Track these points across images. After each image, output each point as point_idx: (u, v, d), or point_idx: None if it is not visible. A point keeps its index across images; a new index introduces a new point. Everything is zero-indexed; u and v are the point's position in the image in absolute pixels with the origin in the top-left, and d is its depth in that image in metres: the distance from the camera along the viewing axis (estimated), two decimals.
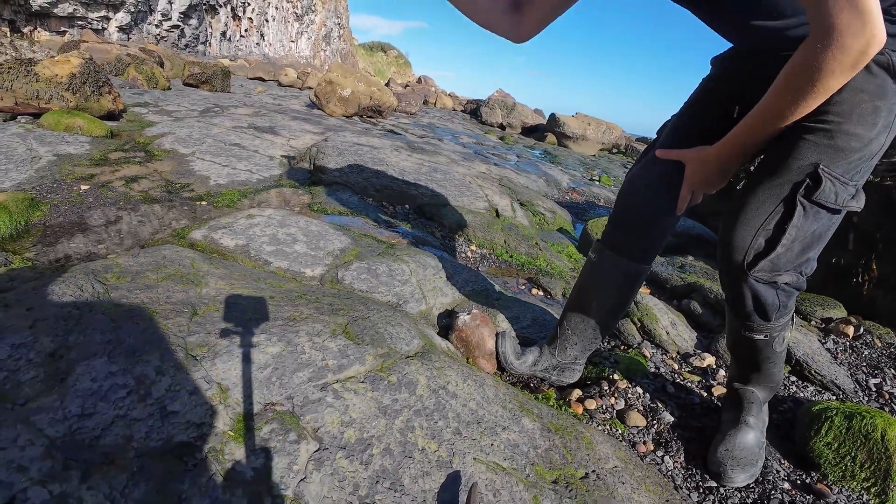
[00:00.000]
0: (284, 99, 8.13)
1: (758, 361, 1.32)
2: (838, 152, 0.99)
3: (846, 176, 1.01)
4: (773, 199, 1.06)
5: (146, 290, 1.38)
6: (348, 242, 2.07)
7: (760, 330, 1.22)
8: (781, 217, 1.05)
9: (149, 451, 0.83)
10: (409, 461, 0.94)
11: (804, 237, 1.06)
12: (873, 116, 0.97)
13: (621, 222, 1.45)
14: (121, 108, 4.26)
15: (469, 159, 4.68)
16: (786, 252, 1.07)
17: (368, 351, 1.18)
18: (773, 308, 1.17)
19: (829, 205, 1.02)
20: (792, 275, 1.12)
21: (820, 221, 1.05)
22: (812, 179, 1.01)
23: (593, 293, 1.53)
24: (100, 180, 2.71)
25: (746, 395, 1.40)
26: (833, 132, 0.99)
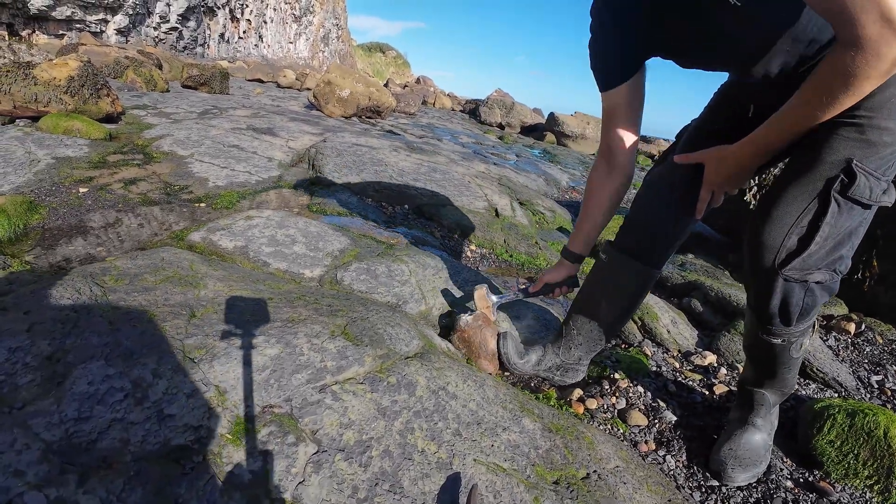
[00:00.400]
0: (283, 100, 8.12)
1: (773, 366, 1.30)
2: (871, 147, 0.98)
3: (879, 171, 0.99)
4: (806, 196, 1.04)
5: (144, 293, 1.37)
6: (347, 243, 2.06)
7: (780, 334, 1.20)
8: (815, 214, 1.03)
9: (146, 455, 0.82)
10: (408, 463, 0.93)
11: (837, 234, 1.04)
12: None
13: (637, 226, 1.43)
14: (119, 111, 4.26)
15: (468, 159, 4.67)
16: (819, 250, 1.05)
17: (367, 352, 1.17)
18: (797, 310, 1.14)
19: (863, 200, 1.00)
20: (824, 273, 1.09)
21: (853, 218, 1.03)
22: (846, 175, 0.99)
23: (602, 295, 1.52)
24: (98, 183, 2.70)
25: (757, 398, 1.38)
26: (865, 127, 0.98)
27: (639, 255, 1.42)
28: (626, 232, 1.45)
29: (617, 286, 1.49)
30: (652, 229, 1.40)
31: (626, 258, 1.43)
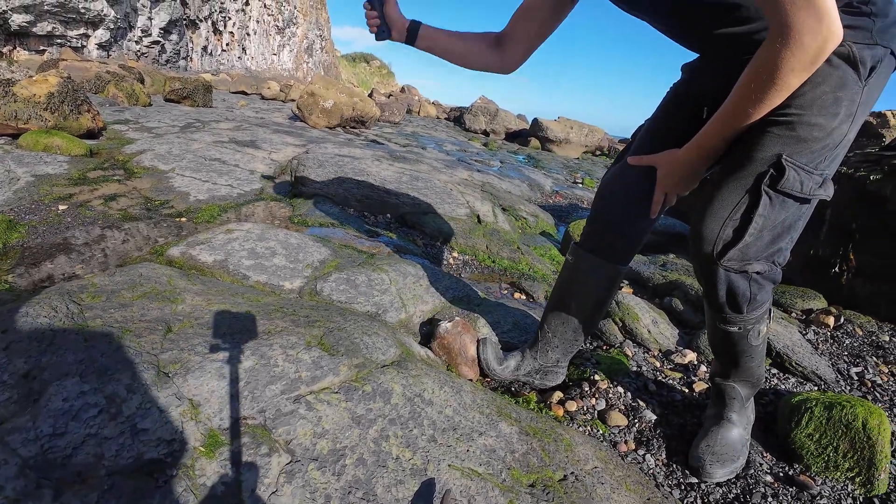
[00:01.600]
0: (267, 112, 8.12)
1: (735, 355, 1.33)
2: (801, 142, 1.02)
3: (810, 165, 1.03)
4: (740, 190, 1.08)
5: (120, 309, 1.38)
6: (328, 254, 2.07)
7: (734, 322, 1.23)
8: (748, 207, 1.07)
9: (119, 469, 0.83)
10: (382, 470, 0.94)
11: (773, 226, 1.08)
12: (834, 107, 0.99)
13: (598, 225, 1.47)
14: (100, 126, 4.25)
15: (451, 167, 4.70)
16: (755, 241, 1.09)
17: (343, 361, 1.18)
18: (745, 299, 1.18)
19: (795, 193, 1.04)
20: (763, 264, 1.14)
21: (788, 211, 1.07)
22: (776, 169, 1.03)
23: (572, 295, 1.55)
24: (78, 200, 2.69)
25: (728, 391, 1.41)
26: (795, 123, 1.01)
27: (603, 253, 1.45)
28: (589, 231, 1.49)
29: (584, 285, 1.52)
30: (613, 227, 1.43)
31: (590, 257, 1.47)
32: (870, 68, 0.98)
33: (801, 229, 1.15)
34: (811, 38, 0.85)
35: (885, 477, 1.36)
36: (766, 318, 1.26)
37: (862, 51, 0.97)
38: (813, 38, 0.85)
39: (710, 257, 1.13)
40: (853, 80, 0.99)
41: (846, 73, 0.98)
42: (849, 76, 0.99)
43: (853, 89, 0.99)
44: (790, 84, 0.93)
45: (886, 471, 1.37)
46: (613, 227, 1.44)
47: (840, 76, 0.99)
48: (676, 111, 1.38)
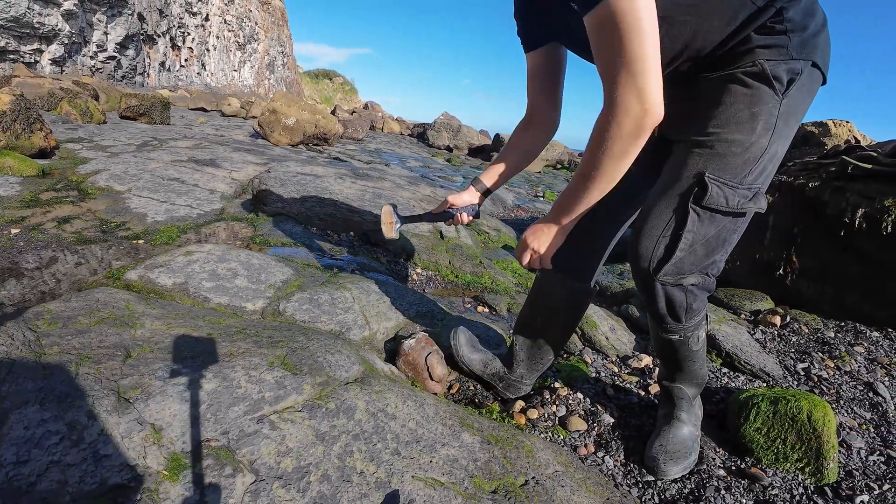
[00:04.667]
0: (227, 129, 8.02)
1: (678, 360, 1.41)
2: (721, 158, 1.09)
3: (735, 180, 1.10)
4: (669, 209, 1.15)
5: (78, 336, 1.36)
6: (291, 273, 2.08)
7: (675, 331, 1.31)
8: (677, 224, 1.14)
9: (83, 495, 0.84)
10: (347, 485, 0.96)
11: (705, 240, 1.15)
12: (750, 122, 1.07)
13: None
14: (53, 145, 4.12)
15: (414, 183, 4.75)
16: (688, 256, 1.16)
17: (306, 380, 1.20)
18: (682, 309, 1.25)
19: (721, 208, 1.11)
20: (697, 276, 1.21)
21: (719, 225, 1.14)
22: (699, 186, 1.10)
23: (539, 312, 1.60)
24: (31, 223, 2.61)
25: (675, 392, 1.48)
26: (714, 142, 1.09)
27: (565, 270, 1.51)
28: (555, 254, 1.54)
29: (551, 301, 1.58)
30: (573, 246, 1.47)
31: (552, 274, 1.52)
32: (787, 82, 1.05)
33: (735, 241, 1.21)
34: (630, 115, 0.97)
35: (833, 466, 1.43)
36: (703, 324, 1.34)
37: (776, 67, 1.04)
38: (632, 115, 0.97)
39: (648, 273, 1.20)
40: (769, 96, 1.06)
41: (760, 90, 1.06)
42: (763, 92, 1.06)
43: (769, 104, 1.06)
44: (613, 151, 1.03)
45: (835, 460, 1.44)
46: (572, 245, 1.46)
47: (753, 94, 1.06)
48: None
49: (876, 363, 2.21)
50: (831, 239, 2.74)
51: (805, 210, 2.90)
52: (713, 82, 1.11)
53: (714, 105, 1.10)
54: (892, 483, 1.43)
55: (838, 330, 2.52)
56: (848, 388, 1.99)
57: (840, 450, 1.58)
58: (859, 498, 1.36)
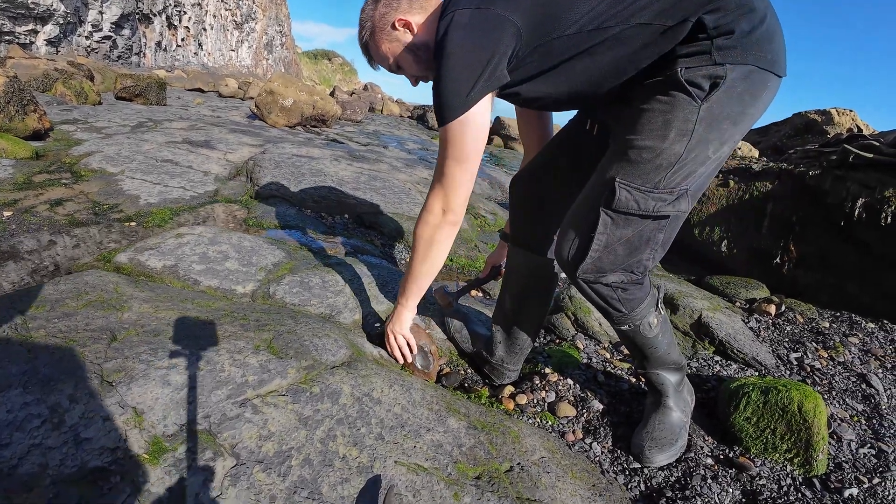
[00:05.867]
0: (224, 111, 7.94)
1: (639, 348, 1.41)
2: (631, 164, 1.12)
3: (647, 185, 1.11)
4: (583, 213, 1.21)
5: (65, 319, 1.35)
6: (282, 256, 2.07)
7: (622, 321, 1.32)
8: (588, 226, 1.17)
9: (64, 478, 0.84)
10: (328, 469, 0.96)
11: (624, 241, 1.17)
12: (663, 129, 1.08)
13: (514, 216, 1.61)
14: (47, 127, 4.09)
15: (411, 165, 4.72)
16: (605, 255, 1.19)
17: (291, 364, 1.20)
18: (617, 301, 1.27)
19: (633, 212, 1.13)
20: (619, 275, 1.23)
21: (636, 227, 1.16)
22: (609, 191, 1.13)
23: (509, 292, 1.64)
24: (23, 205, 2.60)
25: (654, 378, 1.48)
26: (626, 148, 1.12)
27: (525, 244, 1.58)
28: (511, 223, 1.64)
29: (518, 278, 1.63)
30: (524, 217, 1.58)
31: (517, 249, 1.60)
32: (710, 87, 1.05)
33: (666, 241, 1.24)
34: (434, 215, 1.31)
35: (823, 458, 1.43)
36: (652, 310, 1.34)
37: (693, 73, 1.05)
38: (435, 215, 1.31)
39: (568, 271, 1.25)
40: (686, 102, 1.06)
41: (676, 98, 1.07)
42: (679, 99, 1.07)
43: (686, 109, 1.07)
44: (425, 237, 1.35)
45: (825, 451, 1.44)
46: (526, 215, 1.57)
47: (670, 101, 1.07)
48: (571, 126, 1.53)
49: (870, 354, 2.20)
50: (830, 228, 2.72)
51: (804, 198, 2.88)
52: (643, 89, 1.13)
53: (635, 112, 1.13)
54: (882, 477, 1.42)
55: (833, 320, 2.51)
56: (841, 380, 1.98)
57: (830, 441, 1.57)
58: (848, 491, 1.36)
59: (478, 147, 1.22)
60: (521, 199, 1.59)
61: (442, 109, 1.16)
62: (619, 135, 1.17)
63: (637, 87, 1.14)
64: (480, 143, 1.22)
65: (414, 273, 1.44)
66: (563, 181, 1.47)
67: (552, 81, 1.20)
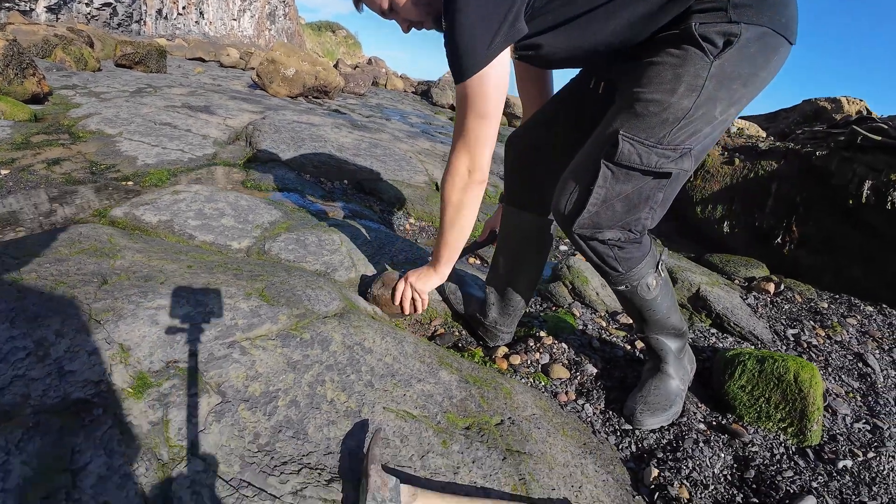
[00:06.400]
0: (225, 80, 7.83)
1: (637, 311, 1.39)
2: (637, 117, 1.08)
3: (651, 140, 1.08)
4: (584, 165, 1.17)
5: (56, 264, 1.34)
6: (279, 216, 2.05)
7: (620, 282, 1.30)
8: (588, 179, 1.14)
9: (45, 409, 0.83)
10: (315, 412, 0.96)
11: (623, 197, 1.14)
12: (672, 83, 1.05)
13: (509, 175, 1.57)
14: (46, 91, 4.08)
15: (414, 137, 4.66)
16: (603, 210, 1.16)
17: (283, 311, 1.19)
18: (613, 259, 1.25)
19: (635, 166, 1.10)
20: (616, 231, 1.20)
21: (638, 183, 1.13)
22: (611, 143, 1.10)
23: (503, 252, 1.62)
24: (21, 164, 2.59)
25: (654, 343, 1.46)
26: (633, 101, 1.09)
27: (521, 204, 1.55)
28: (507, 183, 1.60)
29: (512, 239, 1.60)
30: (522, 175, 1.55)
31: (512, 209, 1.57)
32: (723, 44, 1.02)
33: (666, 201, 1.20)
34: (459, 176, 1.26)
35: (817, 429, 1.43)
36: (650, 271, 1.31)
37: (707, 29, 1.02)
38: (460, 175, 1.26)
39: (564, 225, 1.22)
40: (697, 57, 1.03)
41: (688, 52, 1.04)
42: (691, 54, 1.04)
43: (697, 64, 1.04)
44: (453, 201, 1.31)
45: (819, 423, 1.43)
46: (524, 173, 1.53)
47: (681, 55, 1.04)
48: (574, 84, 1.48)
49: (868, 336, 2.19)
50: (835, 210, 2.69)
51: (810, 179, 2.84)
52: (654, 44, 1.10)
53: (644, 66, 1.10)
54: (877, 452, 1.42)
55: (832, 301, 2.50)
56: (837, 357, 1.97)
57: (825, 414, 1.57)
58: (842, 462, 1.35)
59: (501, 101, 1.17)
60: (518, 157, 1.55)
61: (461, 65, 1.10)
62: (625, 89, 1.14)
63: (648, 40, 1.10)
64: (503, 95, 1.17)
65: (445, 239, 1.41)
66: (563, 141, 1.43)
67: (568, 36, 1.15)
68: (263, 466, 0.82)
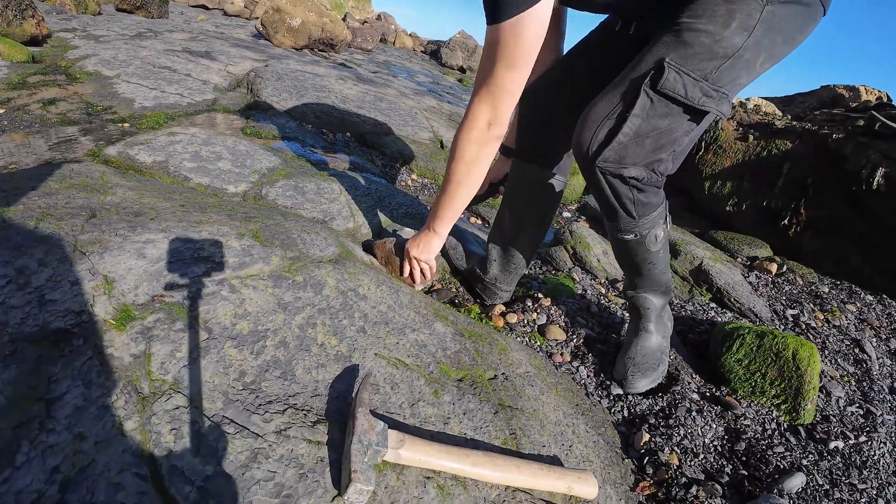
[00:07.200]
0: (228, 27, 7.59)
1: (637, 264, 1.35)
2: (686, 46, 1.02)
3: (697, 73, 1.02)
4: (620, 92, 1.08)
5: (45, 197, 1.30)
6: (278, 162, 1.99)
7: (629, 229, 1.24)
8: (625, 107, 1.07)
9: (23, 337, 0.80)
10: (304, 354, 0.93)
11: (653, 132, 1.07)
12: (726, 17, 0.99)
13: (523, 129, 1.50)
14: (45, 34, 3.98)
15: (420, 94, 4.54)
16: (632, 144, 1.08)
17: (276, 252, 1.15)
18: (630, 201, 1.18)
19: (677, 97, 1.03)
20: (640, 170, 1.13)
21: (671, 118, 1.07)
22: (656, 70, 1.03)
23: (509, 205, 1.56)
24: (16, 104, 2.53)
25: (640, 302, 1.43)
26: (682, 30, 1.02)
27: (533, 158, 1.49)
28: (519, 135, 1.52)
29: (520, 193, 1.54)
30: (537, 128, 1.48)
31: (522, 163, 1.51)
32: None
33: (687, 146, 1.15)
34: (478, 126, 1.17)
35: (811, 408, 1.42)
36: (661, 222, 1.27)
37: None
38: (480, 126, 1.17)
39: (587, 158, 1.13)
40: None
41: None
42: None
43: (751, 4, 0.99)
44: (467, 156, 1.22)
45: (813, 402, 1.42)
46: (539, 125, 1.47)
47: None
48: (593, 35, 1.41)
49: (866, 323, 2.18)
50: (845, 195, 2.64)
51: (824, 162, 2.78)
52: None
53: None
54: (869, 436, 1.41)
55: (833, 287, 2.48)
56: (835, 341, 1.96)
57: (819, 395, 1.56)
58: (833, 443, 1.35)
59: (536, 51, 1.07)
60: (534, 110, 1.48)
61: (496, 3, 1.01)
62: (669, 22, 1.06)
63: None
64: (539, 45, 1.07)
65: (450, 195, 1.31)
66: (580, 93, 1.34)
67: None
68: (248, 404, 0.80)
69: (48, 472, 0.64)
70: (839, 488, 1.21)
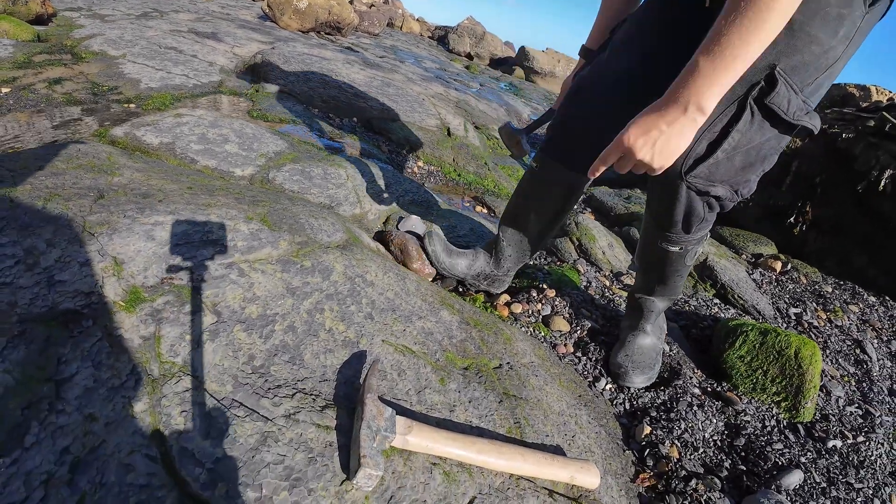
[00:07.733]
0: (234, 8, 7.52)
1: (667, 273, 1.33)
2: (797, 53, 0.91)
3: (799, 84, 0.93)
4: (724, 102, 0.94)
5: (52, 177, 1.30)
6: (285, 146, 1.98)
7: (678, 242, 1.21)
8: (729, 120, 0.96)
9: (32, 317, 0.80)
10: (312, 339, 0.93)
11: (747, 149, 0.99)
12: (836, 23, 0.90)
13: (566, 130, 1.36)
14: (50, 13, 3.95)
15: (427, 80, 4.51)
16: (726, 161, 1.00)
17: (284, 237, 1.15)
18: (698, 219, 1.13)
19: (781, 113, 0.94)
20: (726, 189, 1.05)
21: (766, 136, 0.98)
22: (767, 81, 0.92)
23: (532, 205, 1.49)
24: (22, 83, 2.52)
25: (647, 304, 1.43)
26: (795, 30, 0.90)
27: (567, 161, 1.37)
28: (556, 137, 1.39)
29: (546, 194, 1.47)
30: (580, 134, 1.33)
31: (555, 165, 1.40)
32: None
33: (770, 164, 1.06)
34: None
35: (811, 406, 1.42)
36: (704, 240, 1.25)
37: None
38: None
39: (677, 172, 1.03)
40: (858, 2, 0.89)
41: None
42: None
43: (857, 11, 0.89)
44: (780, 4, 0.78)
45: (814, 401, 1.43)
46: (583, 132, 1.31)
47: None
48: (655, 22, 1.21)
49: (868, 325, 2.18)
50: (853, 195, 2.63)
51: (833, 161, 2.76)
52: None
53: None
54: (867, 437, 1.42)
55: (836, 287, 2.48)
56: (836, 341, 1.96)
57: (819, 394, 1.56)
58: (832, 442, 1.35)
59: None
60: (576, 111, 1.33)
61: None
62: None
63: None
64: None
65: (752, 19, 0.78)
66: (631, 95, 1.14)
67: None
68: (257, 388, 0.80)
69: (58, 452, 0.65)
70: (836, 486, 1.22)
